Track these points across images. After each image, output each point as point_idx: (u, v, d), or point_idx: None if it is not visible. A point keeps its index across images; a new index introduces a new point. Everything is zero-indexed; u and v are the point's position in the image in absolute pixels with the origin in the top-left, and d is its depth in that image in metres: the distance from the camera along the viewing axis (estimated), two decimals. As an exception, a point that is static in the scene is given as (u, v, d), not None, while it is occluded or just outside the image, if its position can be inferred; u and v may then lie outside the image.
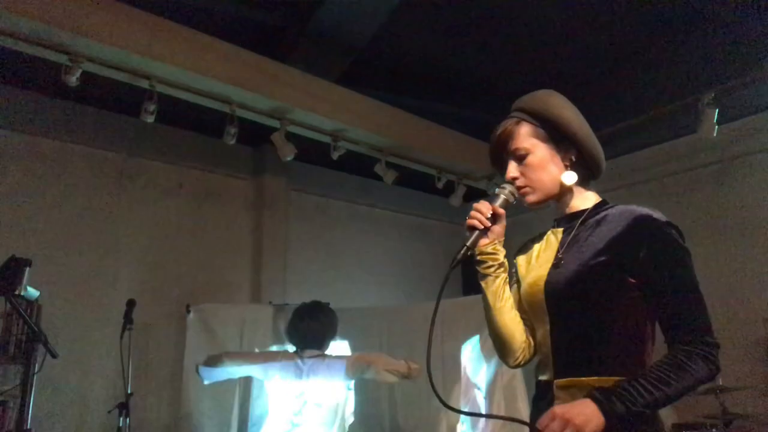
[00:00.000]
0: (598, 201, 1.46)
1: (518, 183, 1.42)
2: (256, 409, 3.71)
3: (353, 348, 3.85)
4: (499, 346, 1.50)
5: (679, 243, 1.30)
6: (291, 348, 3.11)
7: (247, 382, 3.77)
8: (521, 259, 1.52)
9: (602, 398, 1.14)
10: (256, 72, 3.52)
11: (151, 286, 4.09)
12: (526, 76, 4.23)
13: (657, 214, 1.31)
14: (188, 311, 3.82)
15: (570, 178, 1.40)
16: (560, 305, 1.32)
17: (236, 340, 3.88)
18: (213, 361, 3.00)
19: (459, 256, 1.38)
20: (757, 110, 4.30)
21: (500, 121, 1.51)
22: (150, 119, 3.34)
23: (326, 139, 4.02)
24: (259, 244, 4.71)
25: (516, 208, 1.47)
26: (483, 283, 1.46)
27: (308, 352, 2.95)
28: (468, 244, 1.40)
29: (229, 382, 3.57)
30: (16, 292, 2.53)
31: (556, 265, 1.36)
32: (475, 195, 5.21)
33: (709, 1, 3.35)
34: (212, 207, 4.60)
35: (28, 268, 2.58)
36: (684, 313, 1.25)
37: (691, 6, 3.39)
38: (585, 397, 1.17)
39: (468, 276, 5.96)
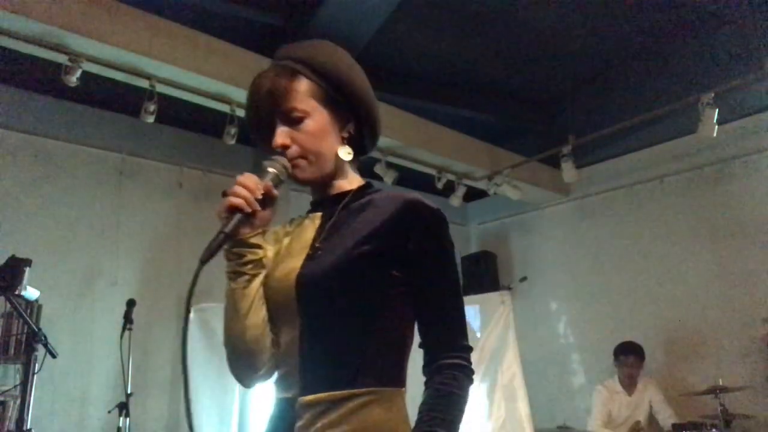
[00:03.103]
0: (362, 183, 1.24)
1: (290, 153, 1.13)
2: (255, 409, 3.71)
3: None
4: (240, 359, 1.13)
5: (449, 237, 1.15)
6: None
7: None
8: (268, 249, 1.21)
9: None
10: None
11: (151, 286, 4.09)
12: (526, 76, 4.24)
13: (428, 201, 1.14)
14: (188, 311, 3.81)
15: (347, 153, 1.18)
16: (316, 304, 1.07)
17: (236, 340, 3.88)
18: None
19: (214, 246, 1.02)
20: (757, 110, 4.30)
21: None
22: (150, 119, 3.34)
23: (326, 139, 4.02)
24: (259, 244, 4.71)
25: (516, 208, 1.40)
26: (234, 284, 1.10)
27: None
28: (227, 230, 1.04)
29: (229, 382, 3.57)
30: (16, 292, 2.54)
31: (312, 256, 1.11)
32: (475, 195, 5.21)
33: (709, 1, 3.35)
34: (212, 207, 4.52)
35: (28, 268, 2.58)
36: (448, 317, 1.10)
37: (692, 6, 3.40)
38: None
39: (468, 276, 5.99)
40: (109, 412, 3.26)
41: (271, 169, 1.10)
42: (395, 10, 3.32)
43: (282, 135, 1.13)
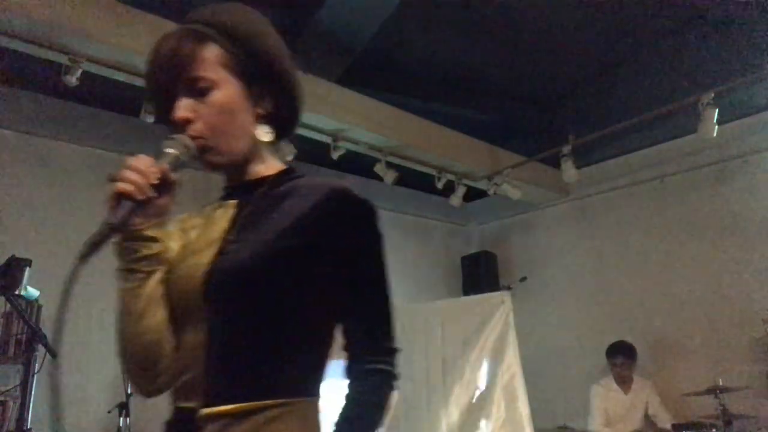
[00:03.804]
0: (283, 168, 1.10)
1: (193, 130, 0.99)
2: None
3: None
4: (135, 367, 1.01)
5: (378, 230, 1.04)
6: None
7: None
8: (173, 242, 1.08)
9: None
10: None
11: (151, 286, 4.09)
12: (526, 76, 4.24)
13: (357, 191, 1.03)
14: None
15: (264, 133, 1.05)
16: (225, 304, 0.95)
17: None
18: None
19: (96, 240, 0.91)
20: (757, 110, 4.30)
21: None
22: (150, 119, 3.34)
23: (326, 139, 4.02)
24: (259, 244, 4.71)
25: (516, 208, 1.33)
26: (126, 283, 0.97)
27: None
28: (113, 221, 0.90)
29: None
30: (16, 292, 2.54)
31: (223, 250, 0.99)
32: (475, 195, 5.21)
33: (710, 1, 3.35)
34: (212, 207, 4.59)
35: (28, 268, 2.58)
36: (373, 318, 1.00)
37: (692, 6, 3.40)
38: None
39: (468, 276, 5.98)
40: (109, 412, 3.26)
41: (169, 150, 0.95)
42: (395, 10, 3.32)
43: (184, 108, 0.98)
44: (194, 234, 1.06)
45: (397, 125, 4.20)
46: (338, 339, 1.02)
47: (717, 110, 3.57)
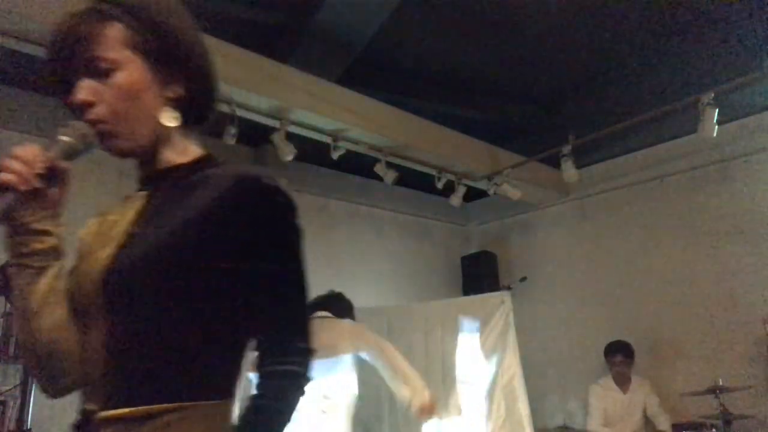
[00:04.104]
0: (200, 155, 1.04)
1: (94, 114, 0.93)
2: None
3: None
4: (37, 367, 0.95)
5: (292, 222, 0.97)
6: None
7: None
8: (87, 234, 1.03)
9: None
10: (256, 72, 3.52)
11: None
12: (526, 77, 4.23)
13: (268, 179, 0.96)
14: None
15: (173, 118, 0.98)
16: (123, 302, 0.89)
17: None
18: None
19: None
20: (757, 110, 4.30)
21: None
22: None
23: (326, 139, 4.02)
24: (259, 244, 4.71)
25: (516, 208, 1.31)
26: (19, 280, 0.91)
27: None
28: None
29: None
30: (16, 292, 2.53)
31: (125, 244, 0.93)
32: (475, 195, 5.21)
33: (709, 1, 3.35)
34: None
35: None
36: (283, 316, 0.94)
37: (691, 6, 3.40)
38: None
39: (468, 276, 5.99)
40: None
41: (63, 138, 0.90)
42: (395, 10, 3.32)
43: (84, 90, 0.92)
44: (105, 227, 1.00)
45: (397, 125, 4.20)
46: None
47: (717, 110, 3.57)
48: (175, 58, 0.97)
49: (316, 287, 4.25)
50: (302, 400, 0.93)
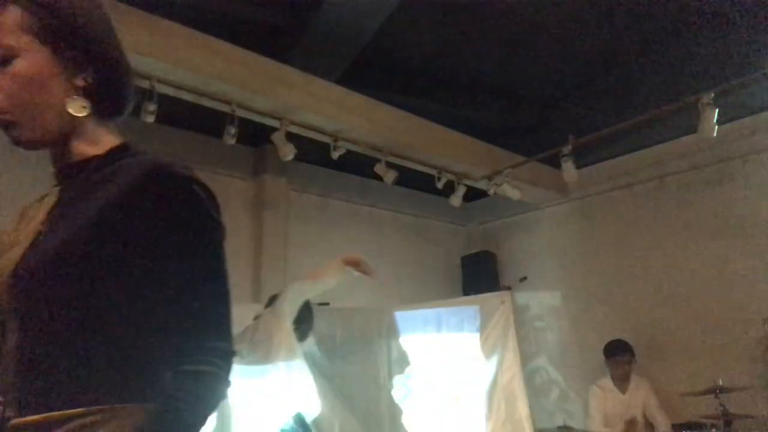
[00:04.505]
0: (115, 146, 0.99)
1: None
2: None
3: (353, 348, 3.85)
4: None
5: (206, 214, 0.92)
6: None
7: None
8: (3, 233, 0.99)
9: None
10: (256, 72, 3.52)
11: (151, 286, 4.08)
12: (526, 77, 4.24)
13: (182, 168, 0.91)
14: None
15: (81, 107, 0.93)
16: (32, 303, 0.86)
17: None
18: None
19: None
20: (757, 110, 4.30)
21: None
22: (150, 119, 3.33)
23: (326, 139, 4.02)
24: (259, 244, 4.71)
25: (516, 208, 1.31)
26: None
27: None
28: None
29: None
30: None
31: (34, 244, 0.89)
32: (475, 195, 5.21)
33: (710, 2, 3.35)
34: (212, 207, 4.59)
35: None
36: (197, 312, 0.89)
37: (691, 6, 3.40)
38: None
39: (468, 276, 5.99)
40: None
41: None
42: (396, 11, 3.32)
43: None
44: (22, 225, 0.96)
45: (397, 125, 4.20)
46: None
47: (717, 110, 3.56)
48: (81, 44, 0.92)
49: (316, 287, 4.13)
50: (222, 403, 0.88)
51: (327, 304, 3.19)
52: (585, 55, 3.92)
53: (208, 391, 0.87)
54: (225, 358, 0.89)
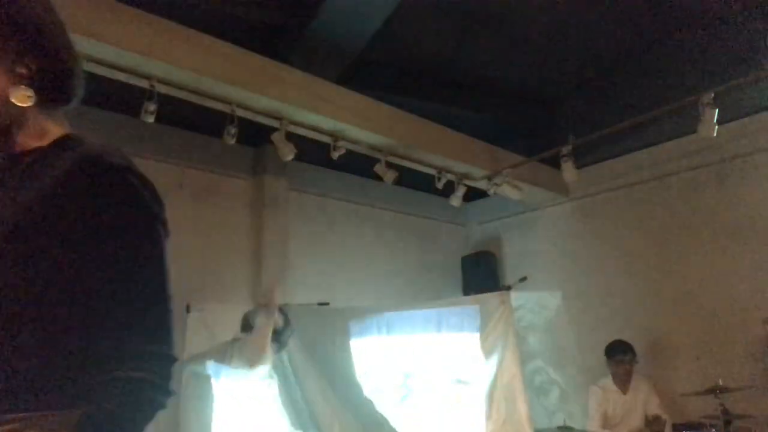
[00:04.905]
0: (61, 136, 0.94)
1: None
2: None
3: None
4: None
5: (143, 207, 0.89)
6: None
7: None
8: None
9: None
10: (256, 72, 3.52)
11: (151, 286, 4.08)
12: (526, 76, 4.24)
13: (117, 158, 0.87)
14: (188, 311, 3.82)
15: (25, 97, 0.89)
16: None
17: (236, 340, 3.87)
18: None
19: None
20: (757, 110, 4.29)
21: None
22: (150, 119, 3.33)
23: (326, 139, 4.02)
24: (259, 244, 4.71)
25: (516, 208, 1.32)
26: None
27: None
28: None
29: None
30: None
31: None
32: (475, 195, 5.21)
33: (709, 2, 3.35)
34: (212, 207, 4.59)
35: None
36: (130, 315, 0.83)
37: (691, 6, 3.40)
38: None
39: (468, 276, 5.98)
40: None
41: None
42: (396, 10, 3.32)
43: None
44: None
45: (397, 125, 4.20)
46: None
47: (717, 110, 3.56)
48: (22, 30, 0.87)
49: (317, 287, 4.30)
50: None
51: (327, 304, 3.19)
52: (585, 55, 3.92)
53: (141, 399, 0.82)
54: (162, 364, 0.84)
